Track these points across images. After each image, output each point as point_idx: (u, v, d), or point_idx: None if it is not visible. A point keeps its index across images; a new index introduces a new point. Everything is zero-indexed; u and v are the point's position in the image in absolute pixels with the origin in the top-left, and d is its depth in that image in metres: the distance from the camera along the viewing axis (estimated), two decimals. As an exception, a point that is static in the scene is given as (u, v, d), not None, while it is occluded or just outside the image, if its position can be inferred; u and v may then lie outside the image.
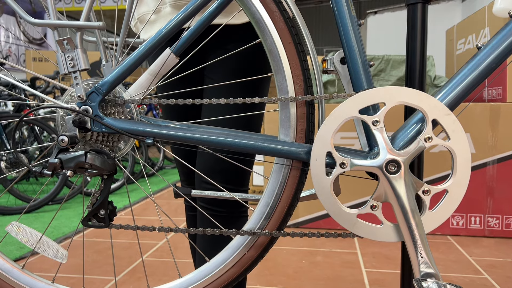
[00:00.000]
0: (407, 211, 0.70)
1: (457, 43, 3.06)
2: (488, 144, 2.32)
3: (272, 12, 0.74)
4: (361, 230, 0.73)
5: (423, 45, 0.91)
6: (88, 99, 0.74)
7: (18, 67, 0.82)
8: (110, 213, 0.77)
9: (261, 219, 0.79)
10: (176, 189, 0.85)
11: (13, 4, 0.75)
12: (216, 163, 0.94)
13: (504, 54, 0.72)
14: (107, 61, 0.81)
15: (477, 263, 1.99)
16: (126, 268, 1.91)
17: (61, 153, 0.72)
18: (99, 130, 0.74)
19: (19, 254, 2.09)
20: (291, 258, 2.03)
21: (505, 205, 2.34)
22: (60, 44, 0.72)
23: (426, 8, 0.91)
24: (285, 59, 0.74)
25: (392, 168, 0.70)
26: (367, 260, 2.02)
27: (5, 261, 0.83)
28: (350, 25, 0.74)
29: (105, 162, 0.73)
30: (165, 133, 0.74)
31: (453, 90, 0.73)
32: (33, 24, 0.73)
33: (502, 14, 0.85)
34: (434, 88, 2.58)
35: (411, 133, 0.73)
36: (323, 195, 0.73)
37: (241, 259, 0.80)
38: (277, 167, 0.78)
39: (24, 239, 0.79)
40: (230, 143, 0.74)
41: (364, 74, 0.74)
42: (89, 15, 0.73)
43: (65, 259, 0.79)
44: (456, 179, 0.71)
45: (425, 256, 0.70)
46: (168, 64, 0.79)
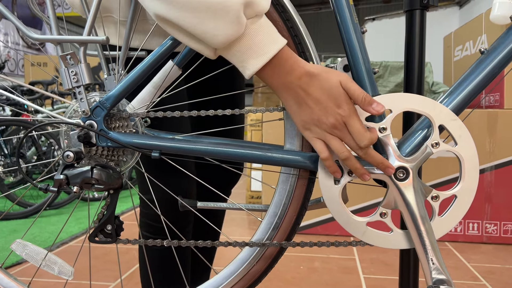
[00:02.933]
0: (417, 218, 0.70)
1: (455, 50, 3.08)
2: (486, 150, 2.33)
3: (276, 21, 0.74)
4: (371, 238, 0.73)
5: (422, 52, 0.91)
6: (93, 114, 0.73)
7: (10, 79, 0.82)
8: (117, 228, 0.76)
9: (270, 230, 0.78)
10: (182, 201, 0.84)
11: (15, 20, 0.74)
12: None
13: (508, 59, 0.72)
14: (109, 75, 0.80)
15: (476, 269, 1.99)
16: (124, 273, 1.89)
17: (66, 169, 0.72)
18: (104, 144, 0.74)
19: (16, 259, 2.07)
20: (289, 264, 2.02)
21: (503, 211, 2.34)
22: (64, 59, 0.71)
23: (424, 15, 0.91)
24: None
25: (401, 175, 0.70)
26: (365, 266, 2.02)
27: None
28: (353, 33, 0.74)
29: (111, 177, 0.73)
30: (171, 145, 0.74)
31: (458, 95, 0.73)
32: (35, 39, 0.72)
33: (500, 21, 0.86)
34: (432, 94, 2.59)
35: (418, 139, 0.73)
36: (332, 203, 0.72)
37: (249, 272, 0.80)
38: (284, 176, 0.78)
39: (29, 257, 0.78)
40: (237, 153, 0.73)
41: (369, 81, 0.74)
42: (91, 29, 0.73)
43: (72, 276, 0.78)
44: (465, 184, 0.71)
45: (436, 262, 0.70)
46: (171, 76, 0.79)
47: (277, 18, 0.74)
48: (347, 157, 0.68)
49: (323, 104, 0.66)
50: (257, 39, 0.65)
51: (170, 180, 0.92)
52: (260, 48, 0.65)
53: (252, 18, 0.64)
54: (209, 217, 0.99)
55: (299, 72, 0.67)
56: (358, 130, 0.66)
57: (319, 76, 0.67)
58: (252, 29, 0.64)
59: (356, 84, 0.67)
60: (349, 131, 0.67)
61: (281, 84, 0.68)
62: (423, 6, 0.88)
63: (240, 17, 0.62)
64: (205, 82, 0.94)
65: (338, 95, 0.66)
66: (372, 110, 0.66)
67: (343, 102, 0.66)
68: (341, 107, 0.66)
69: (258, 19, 0.65)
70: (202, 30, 0.63)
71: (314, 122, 0.68)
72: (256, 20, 0.65)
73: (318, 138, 0.69)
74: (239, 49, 0.65)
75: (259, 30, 0.65)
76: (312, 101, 0.67)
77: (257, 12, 0.64)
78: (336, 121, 0.66)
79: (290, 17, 0.75)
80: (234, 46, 0.65)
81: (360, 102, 0.66)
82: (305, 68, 0.67)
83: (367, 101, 0.66)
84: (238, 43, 0.64)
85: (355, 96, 0.66)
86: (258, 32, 0.65)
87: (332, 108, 0.66)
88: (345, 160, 0.68)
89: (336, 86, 0.66)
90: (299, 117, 0.69)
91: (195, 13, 0.62)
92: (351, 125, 0.66)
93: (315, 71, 0.67)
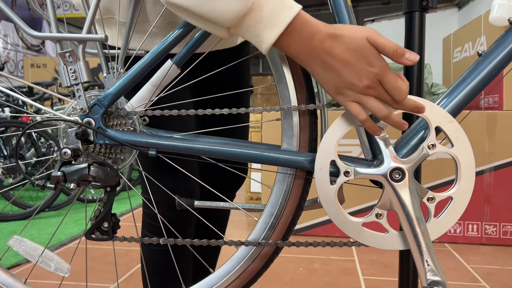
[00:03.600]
0: (412, 219, 0.70)
1: (454, 51, 3.09)
2: (485, 151, 2.33)
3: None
4: (366, 239, 0.73)
5: (421, 53, 0.91)
6: (91, 112, 0.74)
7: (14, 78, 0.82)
8: (114, 225, 0.77)
9: (266, 229, 0.78)
10: (179, 200, 0.84)
11: (15, 18, 0.74)
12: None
13: (505, 61, 0.73)
14: (108, 73, 0.81)
15: (475, 270, 1.99)
16: (123, 275, 1.89)
17: (64, 166, 0.72)
18: (102, 142, 0.74)
19: (15, 261, 2.07)
20: (288, 265, 2.02)
21: (503, 212, 2.34)
22: (62, 57, 0.72)
23: (423, 17, 0.91)
24: (287, 68, 0.74)
25: (397, 176, 0.70)
26: (364, 267, 2.02)
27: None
28: (351, 34, 0.74)
29: (108, 174, 0.73)
30: (168, 144, 0.74)
31: (455, 97, 0.73)
32: (35, 37, 0.73)
33: (499, 22, 0.86)
34: (431, 95, 2.59)
35: (414, 141, 0.73)
36: (328, 204, 0.72)
37: (245, 271, 0.80)
38: (280, 176, 0.78)
39: (26, 253, 0.79)
40: (234, 153, 0.73)
41: (366, 82, 0.74)
42: (91, 28, 0.73)
43: (68, 273, 0.79)
44: (461, 186, 0.71)
45: (431, 264, 0.70)
46: (170, 75, 0.79)
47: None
48: (387, 115, 0.66)
49: (354, 66, 0.63)
50: (267, 9, 0.62)
51: (172, 181, 0.92)
52: (273, 19, 0.62)
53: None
54: (212, 221, 0.99)
55: (321, 35, 0.63)
56: (395, 86, 0.64)
57: (343, 36, 0.63)
58: (260, 0, 0.62)
59: (383, 37, 0.64)
60: (385, 88, 0.64)
61: (304, 52, 0.64)
62: (422, 8, 0.88)
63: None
64: (209, 80, 0.95)
65: (368, 53, 0.63)
66: (406, 61, 0.64)
67: (375, 60, 0.63)
68: (373, 65, 0.63)
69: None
70: (209, 9, 0.61)
71: (347, 86, 0.64)
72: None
73: (353, 101, 0.66)
74: (250, 23, 0.62)
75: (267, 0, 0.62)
76: (341, 64, 0.63)
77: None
78: (371, 81, 0.63)
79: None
80: (245, 21, 0.62)
81: (391, 54, 0.63)
82: (327, 30, 0.63)
83: (399, 52, 0.63)
84: (248, 17, 0.62)
85: (386, 50, 0.63)
86: (267, 2, 0.62)
87: (364, 68, 0.63)
88: (385, 118, 0.66)
89: (363, 44, 0.63)
90: (329, 83, 0.65)
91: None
92: (386, 83, 0.64)
93: (338, 32, 0.63)
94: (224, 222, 1.22)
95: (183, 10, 0.63)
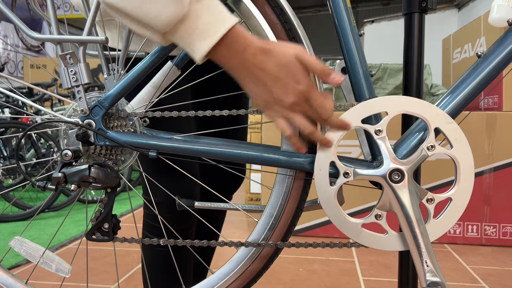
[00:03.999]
0: (411, 220, 0.70)
1: (453, 52, 3.09)
2: (485, 152, 2.33)
3: (274, 24, 0.74)
4: (366, 240, 0.73)
5: (420, 55, 0.91)
6: (91, 113, 0.74)
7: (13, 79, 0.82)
8: (114, 226, 0.77)
9: (265, 230, 0.79)
10: (179, 201, 0.85)
11: (15, 19, 0.75)
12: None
13: (504, 62, 0.73)
14: (108, 75, 0.81)
15: (474, 271, 1.99)
16: (123, 276, 1.90)
17: (64, 167, 0.72)
18: (102, 143, 0.74)
19: (15, 261, 2.07)
20: (288, 266, 2.03)
21: (502, 213, 2.35)
22: (63, 59, 0.72)
23: (423, 18, 0.92)
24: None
25: (396, 177, 0.71)
26: (364, 268, 2.02)
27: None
28: (350, 36, 0.75)
29: (109, 176, 0.73)
30: (168, 145, 0.74)
31: (454, 98, 0.74)
32: (35, 39, 0.73)
33: (498, 23, 0.86)
34: (431, 96, 2.60)
35: (413, 142, 0.73)
36: (327, 204, 0.73)
37: (245, 271, 0.80)
38: (280, 177, 0.78)
39: (27, 254, 0.79)
40: (234, 154, 0.74)
41: (366, 83, 0.75)
42: (91, 30, 0.73)
43: (69, 273, 0.79)
44: (460, 187, 0.71)
45: (430, 264, 0.70)
46: (170, 76, 0.80)
47: (275, 20, 0.74)
48: (312, 132, 0.68)
49: (282, 82, 0.64)
50: (203, 19, 0.61)
51: (173, 182, 0.93)
52: (208, 29, 0.62)
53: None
54: (209, 220, 0.99)
55: (253, 49, 0.64)
56: (321, 104, 0.66)
57: (274, 51, 0.64)
58: (197, 9, 0.61)
59: (311, 56, 0.65)
60: (311, 105, 0.66)
61: (236, 64, 0.65)
62: (421, 9, 0.89)
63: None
64: (209, 82, 0.95)
65: (296, 71, 0.64)
66: (331, 80, 0.66)
67: (302, 77, 0.64)
68: (300, 82, 0.64)
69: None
70: (144, 12, 0.61)
71: (275, 101, 0.66)
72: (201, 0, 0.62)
73: (281, 117, 0.67)
74: (185, 31, 0.62)
75: (204, 10, 0.62)
76: (270, 79, 0.64)
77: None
78: (297, 98, 0.65)
79: (288, 20, 0.76)
80: (180, 28, 0.62)
81: (318, 73, 0.65)
82: (259, 45, 0.64)
83: (325, 72, 0.65)
84: (183, 24, 0.61)
85: (313, 68, 0.65)
86: (204, 12, 0.61)
87: (291, 85, 0.64)
88: (310, 134, 0.68)
89: (292, 61, 0.64)
90: (259, 97, 0.67)
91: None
92: (313, 99, 0.65)
93: (270, 47, 0.64)
94: (221, 221, 1.23)
95: (119, 11, 0.63)
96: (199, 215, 0.91)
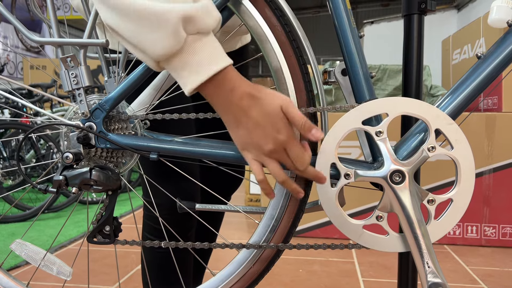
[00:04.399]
0: (412, 221, 0.71)
1: (453, 53, 3.09)
2: (484, 153, 2.34)
3: (274, 26, 0.74)
4: (367, 241, 0.73)
5: (420, 56, 0.92)
6: (92, 116, 0.74)
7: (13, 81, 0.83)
8: (115, 229, 0.77)
9: (267, 232, 0.79)
10: (180, 203, 0.85)
11: (15, 22, 0.75)
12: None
13: (504, 63, 0.73)
14: (109, 77, 0.81)
15: (474, 272, 1.99)
16: (122, 277, 1.90)
17: (65, 170, 0.72)
18: (103, 146, 0.74)
19: (14, 262, 2.07)
20: (287, 267, 2.03)
21: (502, 214, 2.35)
22: (64, 62, 0.72)
23: (422, 19, 0.92)
24: (287, 72, 0.74)
25: (397, 179, 0.71)
26: (364, 269, 2.02)
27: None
28: (350, 37, 0.75)
29: (110, 178, 0.73)
30: (169, 147, 0.74)
31: (454, 99, 0.74)
32: (36, 42, 0.73)
33: (497, 24, 0.86)
34: (430, 97, 2.60)
35: (414, 143, 0.73)
36: (329, 206, 0.73)
37: (246, 273, 0.80)
38: (281, 179, 0.78)
39: (28, 257, 0.79)
40: (235, 156, 0.74)
41: (366, 85, 0.75)
42: (92, 32, 0.73)
43: (70, 276, 0.79)
44: (461, 188, 0.71)
45: (432, 266, 0.70)
46: (171, 79, 0.80)
47: (275, 22, 0.74)
48: (284, 181, 0.69)
49: (263, 129, 0.66)
50: (197, 57, 0.63)
51: (174, 184, 0.93)
52: (200, 67, 0.63)
53: (194, 35, 0.63)
54: (208, 221, 0.99)
55: (241, 93, 0.66)
56: (297, 155, 0.67)
57: (261, 99, 0.66)
58: (193, 47, 0.63)
59: (296, 109, 0.66)
60: (288, 155, 0.67)
61: (222, 104, 0.67)
62: (420, 10, 0.89)
63: (178, 31, 0.61)
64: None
65: (278, 120, 0.65)
66: (311, 136, 0.66)
67: (283, 127, 0.66)
68: (280, 132, 0.65)
69: (202, 36, 0.63)
70: (140, 40, 0.62)
71: (253, 146, 0.67)
72: (199, 37, 0.63)
73: (256, 160, 0.69)
74: (178, 64, 0.64)
75: (200, 48, 0.63)
76: (252, 124, 0.66)
77: (199, 29, 0.63)
78: (275, 146, 0.66)
79: (288, 21, 0.76)
80: (174, 60, 0.63)
81: (299, 127, 0.66)
82: (247, 89, 0.66)
83: (307, 127, 0.66)
84: (177, 57, 0.63)
85: (295, 121, 0.66)
86: (199, 51, 0.63)
87: (271, 133, 0.66)
88: (282, 183, 0.69)
89: (276, 111, 0.65)
90: (239, 139, 0.68)
91: (135, 22, 0.61)
92: (290, 150, 0.67)
93: (257, 94, 0.66)
94: (219, 221, 1.24)
95: (117, 34, 0.64)
96: (199, 216, 0.91)
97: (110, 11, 0.62)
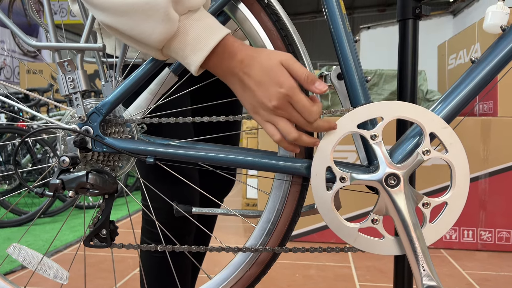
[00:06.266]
0: (408, 224, 0.71)
1: (449, 58, 3.11)
2: (480, 157, 2.35)
3: (270, 30, 0.75)
4: (362, 244, 0.74)
5: (414, 60, 0.92)
6: (89, 120, 0.74)
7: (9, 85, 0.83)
8: (112, 232, 0.77)
9: (263, 235, 0.79)
10: (177, 207, 0.85)
11: (12, 26, 0.75)
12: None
13: (498, 67, 0.74)
14: (106, 81, 0.81)
15: (470, 276, 2.00)
16: (119, 282, 1.89)
17: (62, 174, 0.72)
18: (100, 150, 0.75)
19: (10, 267, 2.06)
20: (284, 271, 2.03)
21: (498, 218, 2.36)
22: (61, 66, 0.72)
23: (417, 24, 0.93)
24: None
25: (392, 182, 0.71)
26: (360, 273, 2.02)
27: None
28: (346, 42, 0.76)
29: (107, 182, 0.73)
30: (166, 151, 0.74)
31: (449, 103, 0.74)
32: (33, 47, 0.74)
33: (492, 30, 0.87)
34: (426, 102, 2.61)
35: (409, 147, 0.74)
36: (324, 209, 0.73)
37: (243, 277, 0.80)
38: (277, 182, 0.79)
39: (24, 260, 0.79)
40: (231, 160, 0.74)
41: (361, 89, 0.75)
42: (89, 37, 0.74)
43: (67, 280, 0.79)
44: (455, 191, 0.72)
45: (427, 268, 0.71)
46: (167, 83, 0.80)
47: (271, 27, 0.75)
48: (296, 138, 0.67)
49: (265, 86, 0.65)
50: (193, 34, 0.64)
51: (170, 188, 0.93)
52: (198, 42, 0.64)
53: (185, 14, 0.64)
54: (201, 223, 1.00)
55: (241, 55, 0.66)
56: (304, 106, 0.65)
57: (259, 57, 0.66)
58: (186, 25, 0.64)
59: (298, 63, 0.66)
60: (295, 108, 0.66)
61: (226, 71, 0.67)
62: (415, 15, 0.90)
63: (169, 14, 0.62)
64: (206, 88, 0.96)
65: (278, 74, 0.65)
66: (315, 88, 0.66)
67: (284, 81, 0.65)
68: (282, 86, 0.64)
69: (192, 13, 0.64)
70: (138, 31, 0.63)
71: (260, 105, 0.66)
72: (190, 15, 0.64)
73: (268, 121, 0.68)
74: (178, 46, 0.64)
75: (193, 24, 0.64)
76: (254, 83, 0.65)
77: (189, 7, 0.63)
78: (279, 102, 0.65)
79: (284, 26, 0.76)
80: (173, 43, 0.64)
81: (302, 80, 0.65)
82: (247, 51, 0.66)
83: (310, 79, 0.65)
84: (175, 40, 0.64)
85: (297, 74, 0.65)
86: (193, 27, 0.64)
87: (273, 89, 0.65)
88: (295, 140, 0.68)
89: (276, 65, 0.65)
90: (247, 102, 0.68)
91: (128, 16, 0.62)
92: (296, 102, 0.65)
93: (256, 53, 0.66)
94: (213, 223, 1.24)
95: (114, 30, 0.65)
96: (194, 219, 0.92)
97: (103, 11, 0.63)
